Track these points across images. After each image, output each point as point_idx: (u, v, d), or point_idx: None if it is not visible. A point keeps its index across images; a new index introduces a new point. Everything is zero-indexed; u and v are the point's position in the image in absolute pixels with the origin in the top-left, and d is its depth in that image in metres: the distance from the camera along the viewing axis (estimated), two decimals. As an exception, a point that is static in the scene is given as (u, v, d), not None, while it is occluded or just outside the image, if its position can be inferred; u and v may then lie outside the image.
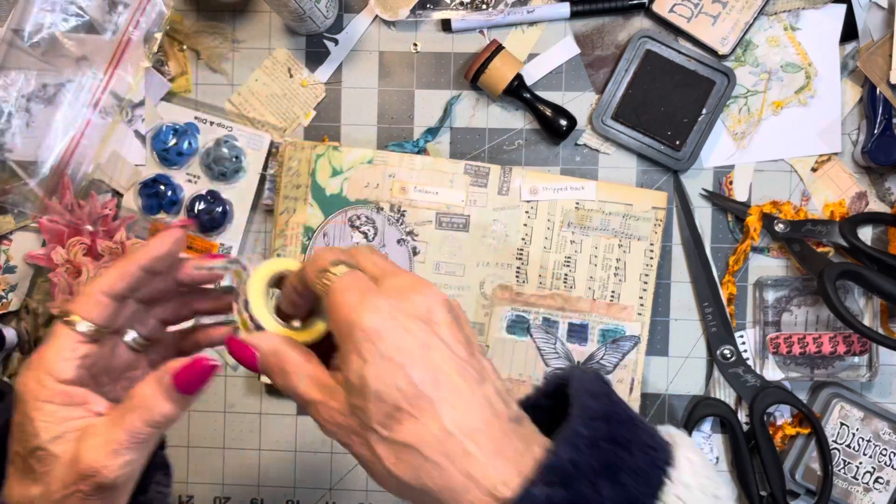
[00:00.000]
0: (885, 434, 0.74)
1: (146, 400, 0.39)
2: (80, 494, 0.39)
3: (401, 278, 0.39)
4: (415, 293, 0.38)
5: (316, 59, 0.78)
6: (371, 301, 0.37)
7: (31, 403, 0.39)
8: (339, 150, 0.75)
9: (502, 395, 0.38)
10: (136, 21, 0.75)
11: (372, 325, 0.36)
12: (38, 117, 0.76)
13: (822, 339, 0.74)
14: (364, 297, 0.37)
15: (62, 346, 0.40)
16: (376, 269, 0.41)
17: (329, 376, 0.39)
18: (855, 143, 0.76)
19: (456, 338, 0.38)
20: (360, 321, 0.36)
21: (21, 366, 0.79)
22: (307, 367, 0.40)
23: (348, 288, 0.38)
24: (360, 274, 0.40)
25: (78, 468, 0.38)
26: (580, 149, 0.77)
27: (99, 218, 0.77)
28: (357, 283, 0.38)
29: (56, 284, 0.76)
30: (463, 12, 0.76)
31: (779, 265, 0.77)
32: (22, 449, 0.40)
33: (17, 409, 0.40)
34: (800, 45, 0.76)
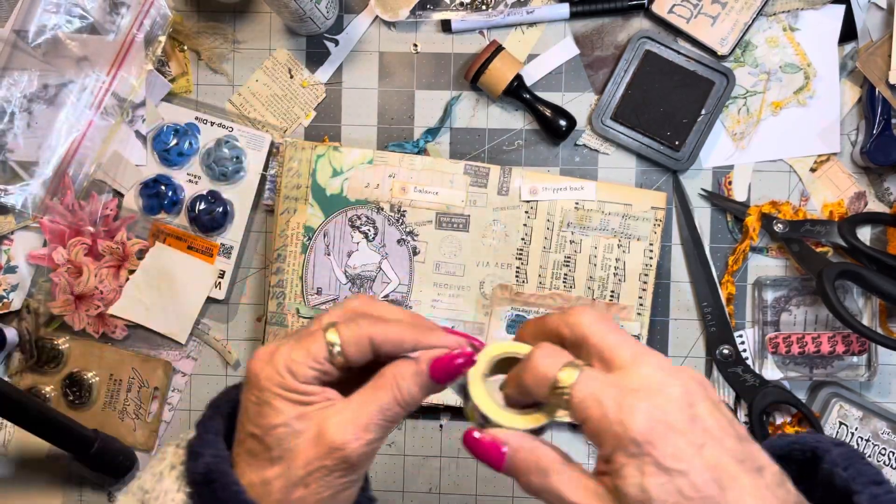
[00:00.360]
0: (883, 433, 0.74)
1: (398, 379, 0.40)
2: (324, 471, 0.39)
3: (647, 367, 0.37)
4: (669, 385, 0.36)
5: (316, 59, 0.78)
6: (630, 407, 0.35)
7: (272, 390, 0.40)
8: (339, 151, 0.75)
9: (777, 478, 0.36)
10: (139, 23, 0.75)
11: (640, 435, 0.34)
12: (40, 118, 0.76)
13: (821, 338, 0.75)
14: (621, 406, 0.35)
15: (314, 356, 0.40)
16: (607, 353, 0.38)
17: (589, 478, 0.37)
18: (854, 143, 0.76)
19: (721, 425, 0.36)
20: (626, 434, 0.35)
21: (22, 366, 0.79)
22: (569, 469, 0.37)
23: (598, 399, 0.36)
24: (597, 376, 0.37)
25: (323, 443, 0.39)
26: (580, 149, 0.77)
27: (100, 218, 0.77)
28: (604, 390, 0.36)
29: (57, 284, 0.77)
30: (463, 13, 0.76)
31: (778, 265, 0.77)
32: (258, 429, 0.40)
33: (252, 391, 0.40)
34: (799, 46, 0.76)
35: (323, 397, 0.40)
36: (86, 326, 0.77)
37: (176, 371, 0.79)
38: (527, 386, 0.39)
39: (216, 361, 0.79)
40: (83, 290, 0.76)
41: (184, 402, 0.79)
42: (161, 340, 0.79)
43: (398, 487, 0.78)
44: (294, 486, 0.39)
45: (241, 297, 0.79)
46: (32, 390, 0.79)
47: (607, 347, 0.38)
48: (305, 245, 0.75)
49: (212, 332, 0.79)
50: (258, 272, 0.79)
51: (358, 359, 0.41)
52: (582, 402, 0.36)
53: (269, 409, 0.40)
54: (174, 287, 0.77)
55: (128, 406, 0.79)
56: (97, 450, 0.72)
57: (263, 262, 0.79)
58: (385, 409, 0.40)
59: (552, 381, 0.37)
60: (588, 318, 0.39)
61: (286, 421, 0.39)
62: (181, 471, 0.40)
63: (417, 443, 0.78)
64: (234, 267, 0.78)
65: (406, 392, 0.40)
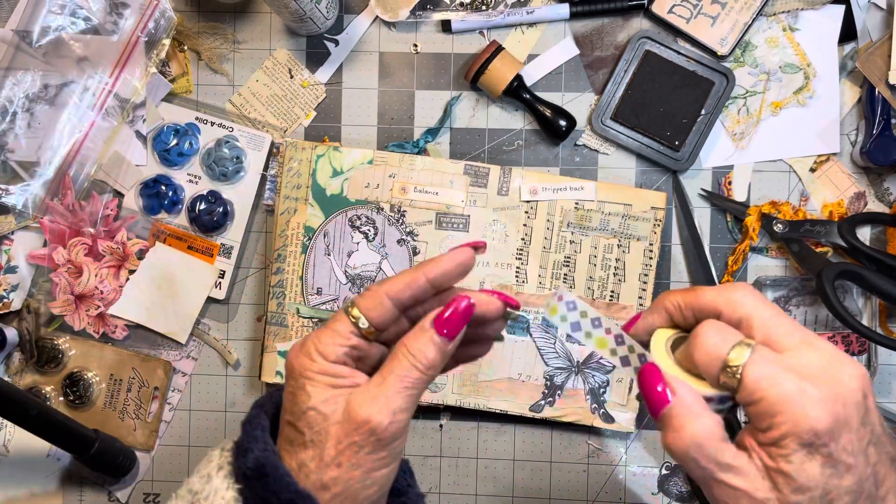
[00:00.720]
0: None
1: (411, 348, 0.42)
2: (354, 447, 0.40)
3: (819, 352, 0.37)
4: (845, 375, 0.36)
5: (316, 59, 0.78)
6: (811, 395, 0.35)
7: (304, 374, 0.42)
8: (339, 151, 0.75)
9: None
10: (143, 25, 0.75)
11: (822, 426, 0.35)
12: (40, 118, 0.76)
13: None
14: (803, 392, 0.35)
15: (338, 333, 0.42)
16: (774, 335, 0.38)
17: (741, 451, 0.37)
18: (853, 143, 0.76)
19: (881, 421, 0.37)
20: (807, 422, 0.35)
21: (22, 365, 0.79)
22: (722, 439, 0.37)
23: (774, 381, 0.36)
24: (772, 357, 0.37)
25: (350, 420, 0.40)
26: (580, 149, 0.77)
27: (100, 218, 0.77)
28: (781, 373, 0.36)
29: (57, 284, 0.77)
30: (463, 13, 0.76)
31: (777, 265, 0.77)
32: (291, 416, 0.42)
33: (289, 382, 0.42)
34: (798, 46, 0.76)
35: (351, 381, 0.42)
36: (86, 326, 0.77)
37: (176, 371, 0.79)
38: (696, 363, 0.38)
39: (216, 361, 0.79)
40: (83, 290, 0.77)
41: (184, 402, 0.79)
42: (161, 340, 0.79)
43: (398, 487, 0.78)
44: (327, 466, 0.40)
45: (242, 297, 0.79)
46: (33, 390, 0.79)
47: (775, 329, 0.38)
48: (305, 245, 0.75)
49: (212, 332, 0.79)
50: (258, 272, 0.79)
51: (383, 319, 0.43)
52: (756, 381, 0.36)
53: (302, 394, 0.41)
54: (174, 287, 0.77)
55: (128, 406, 0.79)
56: (97, 450, 0.72)
57: (263, 262, 0.79)
58: (404, 377, 0.41)
59: (723, 359, 0.37)
60: (752, 298, 0.39)
61: (314, 405, 0.41)
62: (229, 470, 0.41)
63: (418, 443, 0.78)
64: (234, 267, 0.78)
65: (420, 354, 0.42)
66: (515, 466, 0.77)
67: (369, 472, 0.41)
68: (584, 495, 0.77)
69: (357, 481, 0.41)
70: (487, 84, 0.75)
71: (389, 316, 0.43)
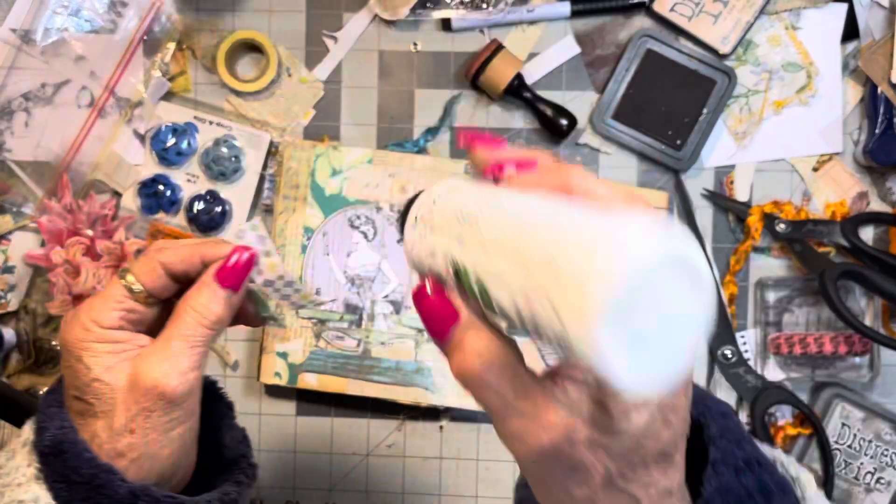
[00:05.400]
0: (886, 435, 0.73)
1: (194, 305, 0.41)
2: (145, 412, 0.40)
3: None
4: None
5: (315, 57, 0.78)
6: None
7: (79, 345, 0.40)
8: (338, 150, 0.75)
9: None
10: (145, 26, 0.75)
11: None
12: (38, 117, 0.76)
13: (824, 339, 0.74)
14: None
15: (111, 297, 0.41)
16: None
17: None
18: (856, 142, 0.76)
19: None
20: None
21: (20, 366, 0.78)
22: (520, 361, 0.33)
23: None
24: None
25: (138, 387, 0.40)
26: (581, 148, 0.77)
27: (98, 218, 0.77)
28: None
29: (55, 285, 0.76)
30: (463, 11, 0.76)
31: (780, 265, 0.76)
32: (75, 390, 0.41)
33: (64, 358, 0.41)
34: (801, 45, 0.76)
35: (133, 344, 0.41)
36: (84, 327, 0.77)
37: (174, 372, 0.78)
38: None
39: (214, 362, 0.79)
40: (81, 290, 0.76)
41: (182, 402, 0.79)
42: (159, 341, 0.78)
43: (398, 489, 0.77)
44: (119, 434, 0.40)
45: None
46: (30, 391, 0.78)
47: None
48: (304, 245, 0.75)
49: (210, 332, 0.78)
50: (257, 272, 0.78)
51: (156, 286, 0.42)
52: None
53: (81, 366, 0.40)
54: (172, 287, 0.77)
55: (126, 407, 0.78)
56: (95, 451, 0.72)
57: (262, 263, 0.78)
58: (189, 336, 0.41)
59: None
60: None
61: (98, 375, 0.40)
62: (32, 446, 0.41)
63: (417, 444, 0.77)
64: (232, 267, 0.78)
65: (204, 310, 0.41)
66: (516, 468, 0.77)
67: (165, 433, 0.41)
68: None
69: (154, 443, 0.40)
70: (488, 83, 0.74)
71: (162, 283, 0.42)
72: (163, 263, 0.42)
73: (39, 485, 0.39)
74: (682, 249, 0.27)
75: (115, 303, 0.41)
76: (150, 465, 0.41)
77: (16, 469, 0.40)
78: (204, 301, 0.41)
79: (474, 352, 0.33)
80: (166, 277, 0.43)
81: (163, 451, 0.41)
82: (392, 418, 0.77)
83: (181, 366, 0.40)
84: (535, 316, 0.28)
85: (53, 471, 0.39)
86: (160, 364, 0.40)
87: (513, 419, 0.32)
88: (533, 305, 0.28)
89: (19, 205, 0.77)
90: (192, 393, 0.41)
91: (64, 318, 0.42)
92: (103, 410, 0.40)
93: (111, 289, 0.42)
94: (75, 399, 0.41)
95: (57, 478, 0.39)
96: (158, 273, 0.42)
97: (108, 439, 0.40)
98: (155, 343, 0.41)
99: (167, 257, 0.42)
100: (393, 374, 0.74)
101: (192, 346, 0.41)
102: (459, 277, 0.32)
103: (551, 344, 0.28)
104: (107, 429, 0.40)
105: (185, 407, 0.41)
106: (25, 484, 0.39)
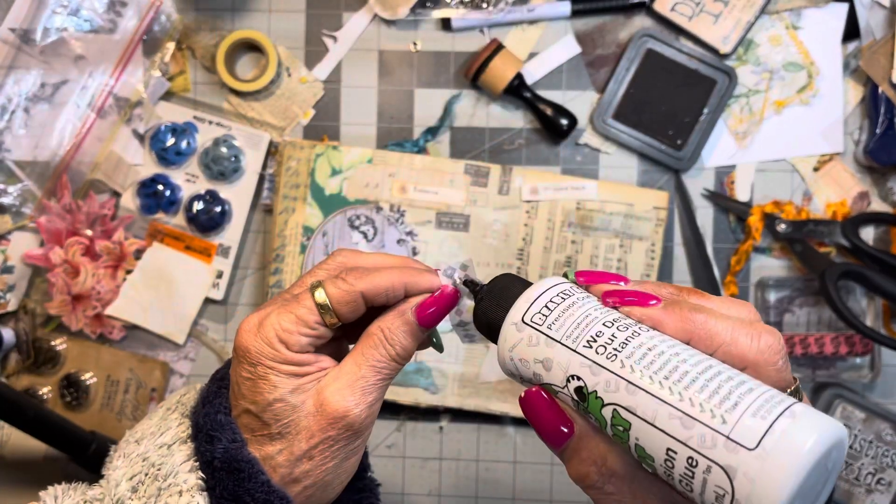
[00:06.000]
0: (887, 435, 0.73)
1: (387, 334, 0.40)
2: (329, 441, 0.39)
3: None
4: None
5: (315, 57, 0.78)
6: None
7: (266, 364, 0.38)
8: (338, 150, 0.75)
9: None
10: (145, 26, 0.75)
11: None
12: (37, 117, 0.76)
13: (824, 339, 0.74)
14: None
15: (305, 322, 0.39)
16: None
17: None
18: (857, 142, 0.76)
19: None
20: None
21: (19, 366, 0.78)
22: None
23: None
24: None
25: (325, 414, 0.38)
26: (581, 148, 0.77)
27: (97, 218, 0.76)
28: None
29: (54, 285, 0.76)
30: (463, 11, 0.76)
31: (780, 265, 0.76)
32: (254, 406, 0.39)
33: (243, 367, 0.39)
34: (802, 44, 0.76)
35: (317, 367, 0.40)
36: (83, 327, 0.77)
37: (173, 372, 0.78)
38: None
39: (214, 363, 0.78)
40: (80, 290, 0.76)
41: (182, 403, 0.79)
42: (158, 341, 0.78)
43: (398, 490, 0.77)
44: (298, 459, 0.39)
45: (240, 298, 0.78)
46: (29, 391, 0.78)
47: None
48: (304, 245, 0.75)
49: (210, 332, 0.78)
50: (257, 272, 0.78)
51: (351, 317, 0.40)
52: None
53: (265, 384, 0.39)
54: (172, 287, 0.77)
55: (125, 407, 0.78)
56: (94, 451, 0.72)
57: (262, 263, 0.78)
58: (381, 368, 0.40)
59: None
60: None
61: (282, 396, 0.38)
62: (191, 450, 0.39)
63: (417, 445, 0.77)
64: (232, 267, 0.77)
65: (398, 345, 0.40)
66: (516, 469, 0.77)
67: (342, 462, 0.40)
68: (586, 498, 0.77)
69: (329, 472, 0.39)
70: (488, 82, 0.74)
71: (358, 314, 0.40)
72: (363, 293, 0.39)
73: (203, 497, 0.37)
74: (841, 432, 0.30)
75: (308, 329, 0.39)
76: (320, 496, 0.40)
77: (174, 474, 0.38)
78: (397, 334, 0.40)
79: (591, 461, 0.34)
80: (362, 307, 0.40)
81: (335, 480, 0.40)
82: (392, 419, 0.77)
83: (370, 397, 0.39)
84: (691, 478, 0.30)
85: (223, 487, 0.37)
86: (352, 393, 0.39)
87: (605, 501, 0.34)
88: (696, 468, 0.30)
89: (19, 205, 0.76)
90: (372, 424, 0.40)
91: (246, 322, 0.39)
92: (280, 433, 0.38)
93: (302, 310, 0.39)
94: (249, 413, 0.39)
95: (226, 495, 0.37)
96: (357, 305, 0.40)
97: (285, 463, 0.38)
98: (341, 368, 0.40)
99: (369, 288, 0.39)
100: (393, 374, 0.74)
101: (381, 378, 0.40)
102: (583, 398, 0.34)
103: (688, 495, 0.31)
104: (286, 452, 0.38)
105: (364, 438, 0.40)
106: (188, 493, 0.37)
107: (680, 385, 0.31)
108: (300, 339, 0.39)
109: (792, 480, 0.28)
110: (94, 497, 0.39)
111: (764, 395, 0.30)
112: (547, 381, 0.35)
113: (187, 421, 0.40)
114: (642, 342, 0.33)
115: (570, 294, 0.36)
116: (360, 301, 0.40)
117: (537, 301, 0.36)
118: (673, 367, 0.32)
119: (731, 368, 0.32)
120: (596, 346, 0.34)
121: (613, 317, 0.35)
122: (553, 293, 0.37)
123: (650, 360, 0.32)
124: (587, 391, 0.33)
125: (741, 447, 0.29)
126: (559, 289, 0.37)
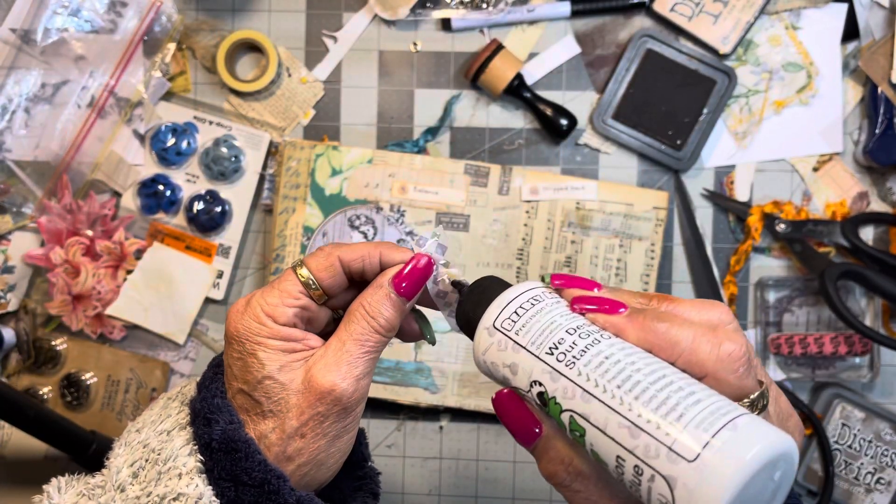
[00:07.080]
0: (886, 435, 0.73)
1: (367, 307, 0.40)
2: (319, 417, 0.39)
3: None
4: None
5: (315, 57, 0.78)
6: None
7: (253, 340, 0.39)
8: (338, 150, 0.75)
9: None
10: (145, 26, 0.75)
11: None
12: (38, 117, 0.76)
13: (824, 339, 0.74)
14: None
15: (287, 293, 0.40)
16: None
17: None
18: (856, 142, 0.76)
19: None
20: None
21: (19, 366, 0.78)
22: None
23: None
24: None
25: (313, 390, 0.39)
26: (581, 148, 0.77)
27: (98, 218, 0.76)
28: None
29: (54, 284, 0.76)
30: (463, 11, 0.76)
31: (780, 265, 0.76)
32: (245, 385, 0.39)
33: (233, 348, 0.40)
34: (801, 45, 0.76)
35: (305, 344, 0.40)
36: (83, 327, 0.77)
37: (174, 372, 0.78)
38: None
39: (215, 362, 0.78)
40: (81, 290, 0.76)
41: (182, 403, 0.79)
42: (159, 341, 0.78)
43: (398, 489, 0.77)
44: (290, 437, 0.39)
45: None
46: (30, 391, 0.78)
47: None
48: (304, 245, 0.75)
49: (210, 332, 0.78)
50: (257, 272, 0.78)
51: (332, 283, 0.41)
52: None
53: (254, 362, 0.39)
54: (172, 287, 0.77)
55: (126, 407, 0.78)
56: (95, 451, 0.72)
57: (262, 263, 0.78)
58: (364, 342, 0.40)
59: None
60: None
61: (270, 373, 0.39)
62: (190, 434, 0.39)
63: (417, 444, 0.77)
64: (232, 267, 0.77)
65: (379, 317, 0.40)
66: (516, 468, 0.77)
67: (334, 440, 0.40)
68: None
69: (322, 450, 0.40)
70: (488, 83, 0.74)
71: (339, 281, 0.41)
72: (341, 258, 0.41)
73: (202, 479, 0.37)
74: (786, 444, 0.30)
75: (292, 298, 0.40)
76: (315, 473, 0.40)
77: (174, 457, 0.38)
78: (377, 304, 0.40)
79: (559, 461, 0.35)
80: (342, 274, 0.41)
81: (328, 459, 0.40)
82: (392, 418, 0.77)
83: (356, 371, 0.39)
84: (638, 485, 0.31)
85: (221, 468, 0.38)
86: (337, 368, 0.39)
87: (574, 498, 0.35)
88: (642, 476, 0.31)
89: (19, 205, 0.76)
90: (363, 401, 0.40)
91: (234, 307, 0.40)
92: (272, 410, 0.39)
93: (286, 283, 0.40)
94: (241, 393, 0.40)
95: (225, 476, 0.37)
96: (336, 269, 0.41)
97: (277, 441, 0.39)
98: (328, 345, 0.40)
99: (346, 253, 0.41)
100: (393, 373, 0.74)
101: (366, 351, 0.40)
102: (545, 403, 0.35)
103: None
104: (277, 430, 0.39)
105: (355, 415, 0.40)
106: (187, 476, 0.37)
107: (630, 395, 0.32)
108: (286, 310, 0.40)
109: (729, 492, 0.28)
110: (96, 485, 0.39)
111: (710, 406, 0.30)
112: (515, 385, 0.37)
113: (187, 409, 0.41)
114: (601, 350, 0.34)
115: (539, 300, 0.37)
116: (338, 265, 0.41)
117: (508, 306, 0.38)
118: (626, 377, 0.32)
119: (686, 378, 0.32)
120: (557, 353, 0.35)
121: (578, 323, 0.36)
122: (524, 298, 0.38)
123: (605, 368, 0.33)
124: (547, 397, 0.35)
125: (681, 458, 0.29)
126: (531, 294, 0.38)
